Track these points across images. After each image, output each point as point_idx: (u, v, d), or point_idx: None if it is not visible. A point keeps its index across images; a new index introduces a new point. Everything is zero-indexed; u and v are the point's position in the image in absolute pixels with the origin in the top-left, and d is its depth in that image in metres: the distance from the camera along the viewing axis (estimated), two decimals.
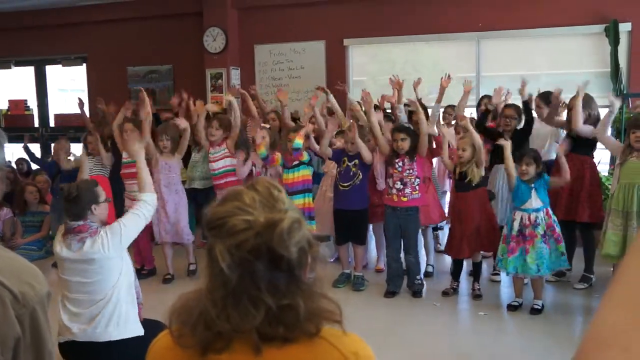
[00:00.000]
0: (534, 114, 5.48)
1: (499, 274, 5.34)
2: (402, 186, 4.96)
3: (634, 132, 4.45)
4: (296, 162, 5.21)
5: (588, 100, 5.13)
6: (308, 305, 1.17)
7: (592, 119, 5.06)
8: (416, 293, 5.02)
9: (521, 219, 4.57)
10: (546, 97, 5.55)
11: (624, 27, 7.12)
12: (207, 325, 1.16)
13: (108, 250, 3.23)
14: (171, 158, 5.59)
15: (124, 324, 3.29)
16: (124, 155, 5.73)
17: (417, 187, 4.96)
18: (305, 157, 5.23)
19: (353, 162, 5.13)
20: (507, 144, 4.71)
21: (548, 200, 4.59)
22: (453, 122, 6.19)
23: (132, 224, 3.36)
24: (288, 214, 1.17)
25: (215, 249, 1.14)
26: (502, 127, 5.36)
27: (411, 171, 4.94)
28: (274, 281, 1.15)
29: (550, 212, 4.57)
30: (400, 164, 4.96)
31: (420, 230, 5.30)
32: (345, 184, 5.19)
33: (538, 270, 4.50)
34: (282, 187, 1.25)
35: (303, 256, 1.18)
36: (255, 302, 1.13)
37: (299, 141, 5.07)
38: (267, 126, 5.99)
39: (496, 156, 5.29)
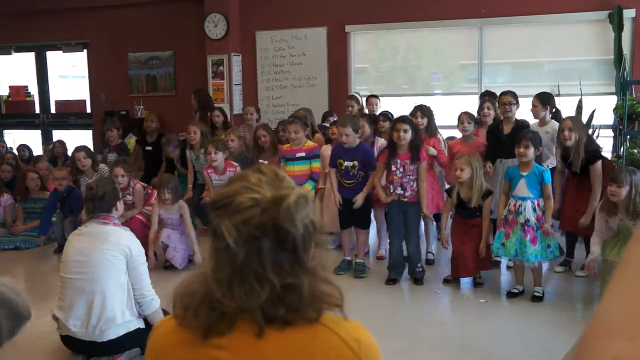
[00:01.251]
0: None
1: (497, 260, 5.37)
2: (402, 191, 4.95)
3: (611, 185, 4.30)
4: (301, 155, 5.19)
5: (579, 124, 5.01)
6: (311, 286, 1.17)
7: (579, 144, 4.82)
8: (417, 280, 5.02)
9: (509, 204, 4.62)
10: (543, 99, 5.43)
11: (628, 14, 7.07)
12: (212, 306, 1.16)
13: (122, 240, 3.30)
14: (172, 211, 5.50)
15: (123, 325, 3.34)
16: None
17: (416, 188, 4.94)
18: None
19: (352, 164, 5.10)
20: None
21: (538, 194, 4.54)
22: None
23: (145, 272, 3.42)
24: (295, 190, 1.18)
25: (221, 226, 1.14)
26: (502, 114, 5.38)
27: (411, 176, 4.91)
28: (278, 261, 1.15)
29: (542, 205, 4.53)
30: (402, 169, 4.92)
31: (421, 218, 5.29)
32: (349, 182, 5.18)
33: (516, 254, 4.52)
34: (285, 173, 1.25)
35: (307, 236, 1.17)
36: (261, 280, 1.13)
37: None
38: (266, 162, 5.92)
39: (496, 151, 5.29)
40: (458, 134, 5.82)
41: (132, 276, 3.35)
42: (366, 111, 6.67)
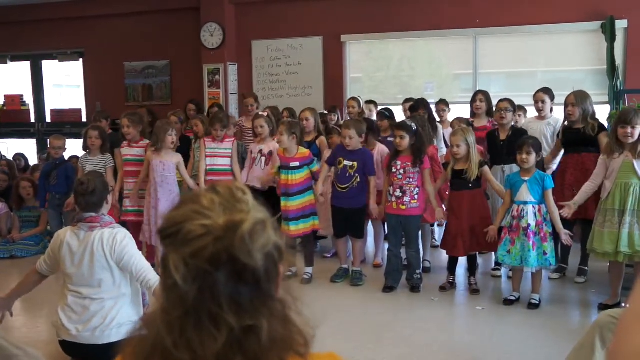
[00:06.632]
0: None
1: (499, 269, 5.38)
2: (401, 194, 4.95)
3: (623, 127, 4.43)
4: (295, 164, 5.18)
5: (583, 97, 5.13)
6: (272, 329, 0.99)
7: (586, 115, 5.04)
8: (414, 288, 5.03)
9: (512, 210, 4.65)
10: (550, 93, 5.60)
11: (620, 24, 7.16)
12: (164, 356, 0.97)
13: (107, 245, 3.26)
14: (171, 157, 5.47)
15: (125, 326, 3.33)
16: (123, 152, 5.71)
17: (416, 196, 4.94)
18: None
19: (351, 164, 5.13)
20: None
21: (540, 199, 4.58)
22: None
23: (143, 261, 3.34)
24: (250, 214, 1.00)
25: (169, 260, 0.98)
26: (497, 120, 5.44)
27: (411, 180, 4.93)
28: (237, 297, 0.97)
29: (543, 211, 4.58)
30: (402, 171, 4.95)
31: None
32: (343, 186, 5.18)
33: (521, 262, 4.54)
34: (247, 190, 1.06)
35: (271, 266, 1.00)
36: (217, 322, 0.96)
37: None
38: (265, 114, 5.96)
39: (496, 156, 5.32)
40: None
41: (130, 270, 3.29)
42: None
